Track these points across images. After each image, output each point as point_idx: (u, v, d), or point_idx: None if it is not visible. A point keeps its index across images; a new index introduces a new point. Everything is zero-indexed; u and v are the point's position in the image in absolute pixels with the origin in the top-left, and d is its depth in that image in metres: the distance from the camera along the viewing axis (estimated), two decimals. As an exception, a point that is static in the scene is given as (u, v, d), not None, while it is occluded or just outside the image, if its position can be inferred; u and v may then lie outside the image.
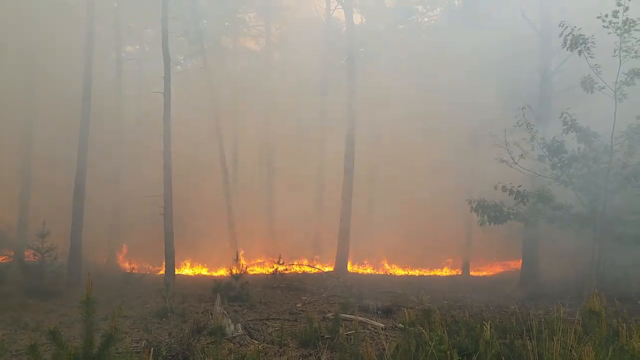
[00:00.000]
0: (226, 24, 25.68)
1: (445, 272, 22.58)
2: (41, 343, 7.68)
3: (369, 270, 21.84)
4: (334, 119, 24.84)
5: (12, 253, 19.22)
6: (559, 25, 12.30)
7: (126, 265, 21.06)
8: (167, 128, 15.88)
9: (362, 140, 22.64)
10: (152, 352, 5.21)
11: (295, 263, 20.55)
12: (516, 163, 13.15)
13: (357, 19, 24.12)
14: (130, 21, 20.91)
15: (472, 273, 21.96)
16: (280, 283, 15.66)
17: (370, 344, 6.90)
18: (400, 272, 21.85)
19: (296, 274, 18.68)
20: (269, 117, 25.55)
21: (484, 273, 22.73)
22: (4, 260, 19.18)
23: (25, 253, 18.41)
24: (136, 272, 18.94)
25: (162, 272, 17.49)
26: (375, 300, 12.38)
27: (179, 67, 21.23)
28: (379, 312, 10.83)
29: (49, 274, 14.24)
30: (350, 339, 7.53)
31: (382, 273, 21.34)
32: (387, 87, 25.67)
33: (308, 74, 27.16)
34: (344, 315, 9.70)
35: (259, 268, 21.44)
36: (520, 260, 17.84)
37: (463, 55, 20.56)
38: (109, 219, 21.46)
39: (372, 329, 9.19)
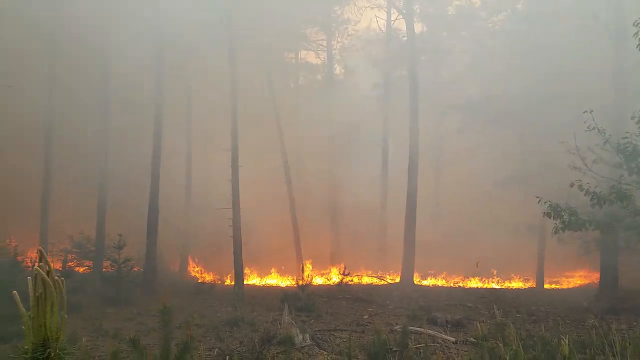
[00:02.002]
0: (289, 39, 26.22)
1: (518, 284, 21.70)
2: (121, 350, 8.10)
3: (436, 282, 21.37)
4: (396, 128, 24.68)
5: (91, 263, 20.33)
6: (633, 24, 11.58)
7: (197, 275, 21.79)
8: (234, 142, 16.43)
9: (426, 149, 22.31)
10: (226, 360, 5.37)
11: (360, 274, 20.50)
12: (590, 170, 12.47)
13: (417, 27, 23.88)
14: (198, 41, 21.81)
15: (546, 285, 20.99)
16: (345, 294, 15.65)
17: (442, 358, 6.77)
18: (469, 284, 21.22)
19: (361, 285, 18.64)
20: (331, 127, 25.69)
21: (559, 285, 21.67)
22: (84, 271, 20.34)
23: (104, 263, 19.48)
24: (207, 281, 19.59)
25: (232, 281, 17.98)
26: (444, 313, 12.10)
27: (243, 82, 21.82)
28: (448, 325, 10.58)
29: (125, 284, 14.98)
30: (420, 352, 7.40)
31: (450, 285, 20.80)
32: (451, 94, 25.23)
33: (369, 85, 27.22)
34: (412, 328, 9.54)
35: (324, 278, 21.56)
36: (598, 272, 16.86)
37: (529, 59, 19.92)
38: (181, 230, 22.26)
39: (442, 342, 8.98)
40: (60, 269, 21.27)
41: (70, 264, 20.82)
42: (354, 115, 26.40)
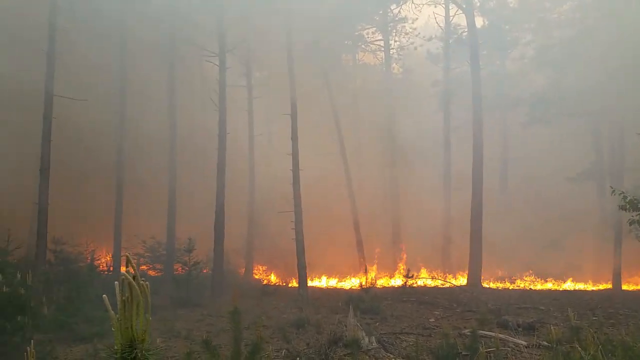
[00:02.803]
0: (346, 42, 26.29)
1: (593, 285, 20.55)
2: (193, 351, 8.40)
3: (505, 285, 20.60)
4: (459, 125, 24.14)
5: (162, 266, 21.22)
6: None
7: (262, 277, 22.22)
8: (294, 147, 16.64)
9: (491, 146, 21.63)
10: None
11: (425, 276, 20.17)
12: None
13: (478, 21, 23.20)
14: (257, 47, 22.35)
15: (624, 287, 19.76)
16: (410, 296, 15.44)
17: (514, 362, 6.54)
18: (540, 286, 20.32)
19: (426, 287, 18.31)
20: (392, 127, 25.45)
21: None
22: (156, 274, 21.25)
23: (174, 266, 20.28)
24: (272, 283, 19.93)
25: (295, 283, 18.20)
26: (514, 316, 11.72)
27: (302, 88, 22.09)
28: (519, 329, 10.25)
29: (195, 286, 15.49)
30: (491, 357, 7.17)
31: (519, 287, 20.01)
32: (515, 88, 24.40)
33: (429, 83, 26.79)
34: (482, 331, 9.28)
35: (387, 278, 21.39)
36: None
37: (599, 49, 18.91)
38: (245, 233, 22.77)
39: (514, 347, 8.69)
40: (133, 272, 22.32)
41: (142, 267, 21.86)
42: (414, 114, 26.07)
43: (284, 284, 20.61)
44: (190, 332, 10.63)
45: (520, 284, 20.61)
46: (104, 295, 1.47)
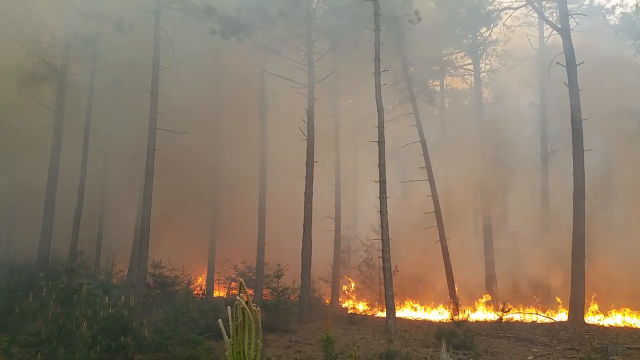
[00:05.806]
0: (433, 68, 25.97)
1: None
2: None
3: (613, 321, 18.77)
4: (557, 149, 22.86)
5: (252, 292, 21.75)
6: None
7: (348, 306, 22.05)
8: (382, 174, 16.54)
9: (594, 169, 20.12)
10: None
11: (521, 310, 19.00)
12: None
13: (576, 40, 21.75)
14: (344, 79, 22.75)
15: None
16: (505, 332, 14.60)
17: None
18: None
19: (523, 322, 17.25)
20: (483, 153, 24.51)
21: None
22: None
23: (263, 291, 20.72)
24: (358, 312, 19.73)
25: (382, 312, 17.85)
26: (624, 357, 10.73)
27: (388, 114, 22.09)
28: (632, 372, 9.32)
29: (282, 312, 15.68)
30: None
31: (629, 325, 18.17)
32: (619, 102, 22.73)
33: (523, 106, 25.68)
34: (588, 372, 8.53)
35: (477, 309, 20.40)
36: None
37: None
38: (331, 261, 22.79)
39: (627, 391, 7.87)
40: (225, 296, 23.15)
41: (233, 291, 22.56)
42: (507, 139, 25.02)
43: (371, 314, 20.27)
44: (279, 358, 10.72)
45: (631, 322, 18.69)
46: (219, 320, 1.50)
